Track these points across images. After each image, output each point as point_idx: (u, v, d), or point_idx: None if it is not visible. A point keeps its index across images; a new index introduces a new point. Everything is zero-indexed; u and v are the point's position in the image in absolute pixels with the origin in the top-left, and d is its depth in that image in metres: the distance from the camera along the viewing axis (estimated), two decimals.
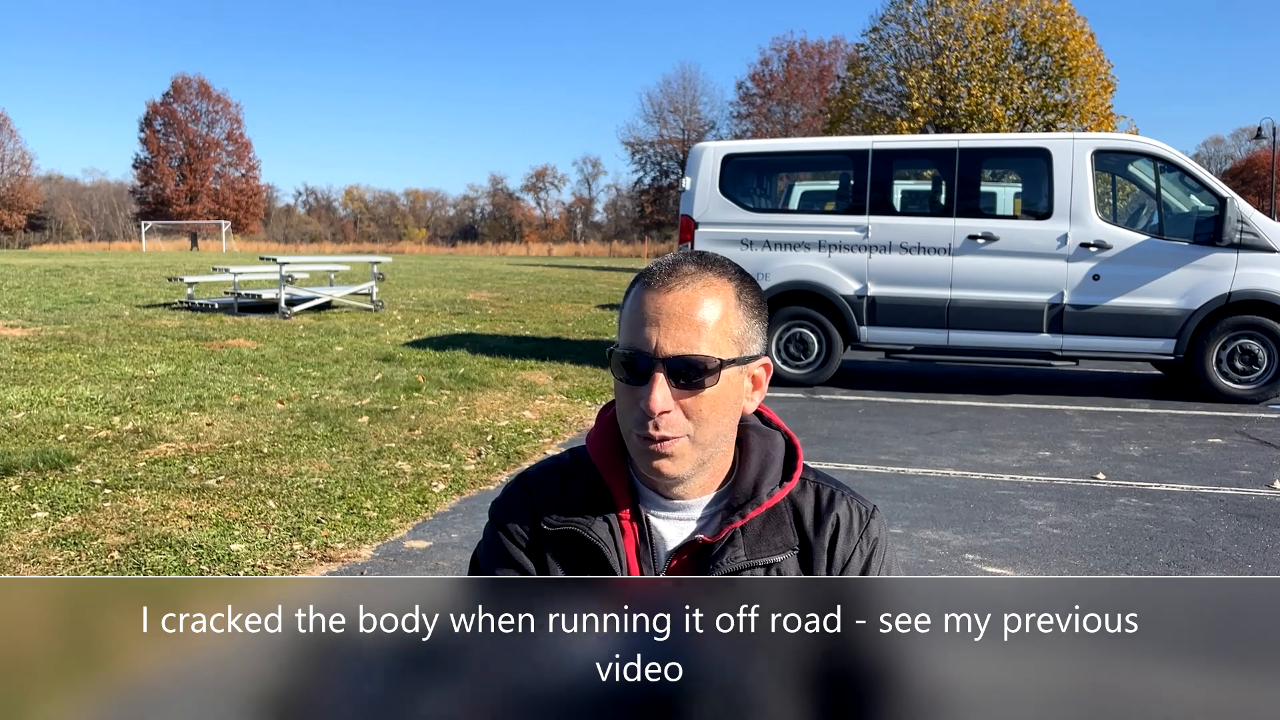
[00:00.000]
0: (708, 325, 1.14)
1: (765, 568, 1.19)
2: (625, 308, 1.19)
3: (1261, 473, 5.69)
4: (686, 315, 1.13)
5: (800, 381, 8.74)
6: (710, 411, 1.16)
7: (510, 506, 1.27)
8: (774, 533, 1.20)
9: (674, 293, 1.14)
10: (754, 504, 1.20)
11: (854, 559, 1.22)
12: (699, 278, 1.15)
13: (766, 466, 1.24)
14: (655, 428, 1.14)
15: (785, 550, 1.20)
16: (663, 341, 1.13)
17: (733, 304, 1.17)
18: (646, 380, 1.13)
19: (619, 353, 1.16)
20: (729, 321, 1.16)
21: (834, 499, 1.24)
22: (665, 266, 1.17)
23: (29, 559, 3.89)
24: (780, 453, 1.26)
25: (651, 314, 1.14)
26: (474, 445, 6.12)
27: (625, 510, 1.22)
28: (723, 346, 1.15)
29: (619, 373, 1.17)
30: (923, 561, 4.12)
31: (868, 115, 29.56)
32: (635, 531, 1.21)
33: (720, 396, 1.16)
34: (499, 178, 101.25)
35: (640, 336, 1.14)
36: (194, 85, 64.53)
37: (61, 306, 13.97)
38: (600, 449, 1.26)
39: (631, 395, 1.16)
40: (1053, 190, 8.18)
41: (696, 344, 1.13)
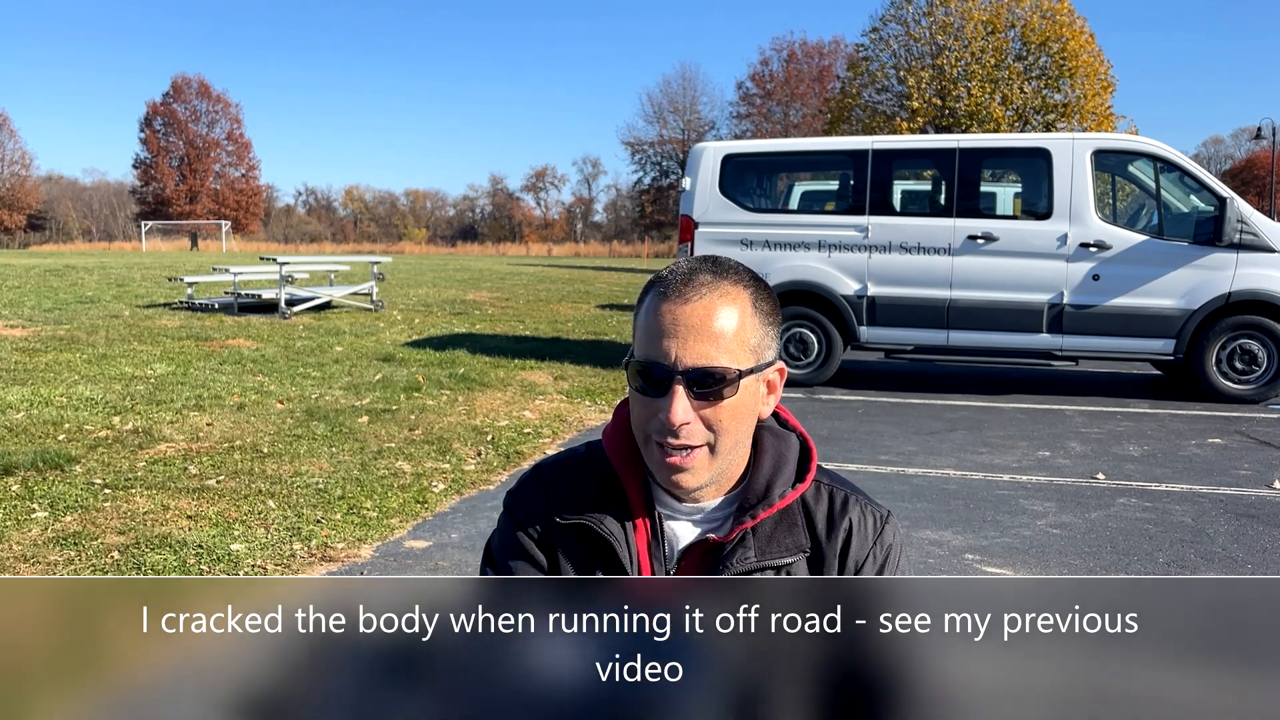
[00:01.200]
0: (725, 336, 1.14)
1: (776, 569, 1.18)
2: (640, 317, 1.18)
3: (1261, 473, 5.69)
4: (704, 327, 1.13)
5: (800, 381, 8.74)
6: (729, 421, 1.16)
7: (525, 499, 1.27)
8: (785, 534, 1.20)
9: (691, 304, 1.13)
10: (765, 504, 1.20)
11: (867, 565, 1.21)
12: (715, 287, 1.15)
13: (780, 468, 1.23)
14: (675, 438, 1.14)
15: (796, 553, 1.19)
16: (681, 353, 1.12)
17: (749, 312, 1.17)
18: (666, 392, 1.13)
19: (635, 363, 1.16)
20: (746, 331, 1.16)
21: (847, 503, 1.24)
22: (681, 275, 1.16)
23: (29, 559, 3.89)
24: (794, 454, 1.26)
25: (669, 325, 1.13)
26: (474, 445, 6.12)
27: (638, 507, 1.22)
28: (740, 356, 1.15)
29: (636, 383, 1.17)
30: (923, 561, 4.12)
31: (868, 115, 29.56)
32: (647, 529, 1.22)
33: (739, 406, 1.16)
34: (499, 178, 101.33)
35: (658, 348, 1.13)
36: (194, 85, 64.55)
37: (61, 306, 13.97)
38: (616, 445, 1.26)
39: (650, 406, 1.15)
40: (1052, 190, 8.18)
41: (715, 355, 1.13)
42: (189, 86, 64.48)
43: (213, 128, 65.25)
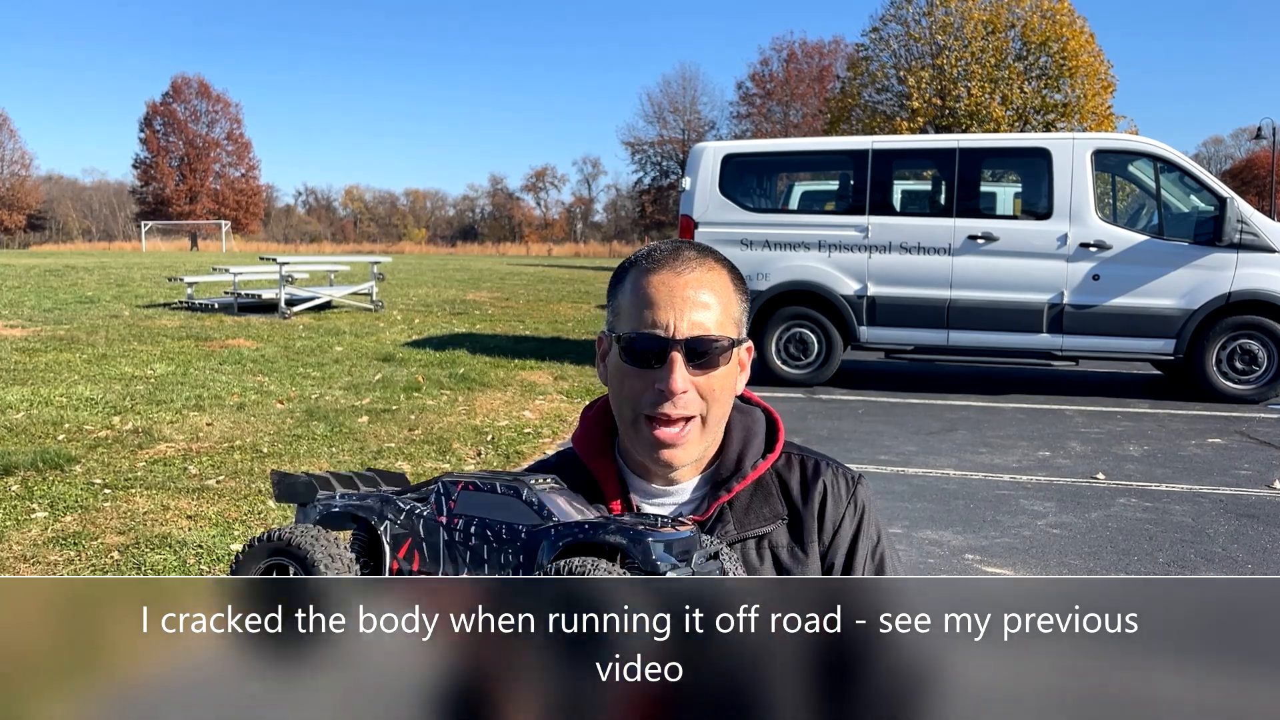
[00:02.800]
0: (716, 306, 1.16)
1: (757, 539, 1.21)
2: (625, 294, 1.19)
3: (1261, 473, 5.69)
4: (697, 297, 1.15)
5: (800, 381, 8.74)
6: (721, 390, 1.18)
7: None
8: (762, 504, 1.22)
9: (683, 275, 1.15)
10: (739, 477, 1.22)
11: (845, 524, 1.24)
12: (702, 262, 1.18)
13: (749, 441, 1.26)
14: (674, 407, 1.15)
15: (774, 520, 1.22)
16: (678, 323, 1.14)
17: (731, 288, 1.20)
18: (663, 362, 1.14)
19: (627, 337, 1.16)
20: (730, 305, 1.19)
21: (819, 467, 1.27)
22: (667, 250, 1.19)
23: (29, 559, 3.89)
24: (761, 427, 1.28)
25: (664, 297, 1.15)
26: (474, 445, 6.12)
27: (615, 501, 1.23)
28: (728, 327, 1.18)
29: (628, 358, 1.17)
30: (923, 561, 4.12)
31: (867, 115, 29.54)
32: None
33: (728, 375, 1.19)
34: (499, 178, 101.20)
35: (652, 319, 1.14)
36: (194, 85, 64.52)
37: (61, 306, 13.97)
38: (587, 445, 1.27)
39: (644, 378, 1.16)
40: (1053, 190, 8.18)
41: (709, 325, 1.15)
42: (189, 86, 64.46)
43: (213, 128, 65.23)
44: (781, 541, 1.21)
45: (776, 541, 1.21)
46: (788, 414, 7.44)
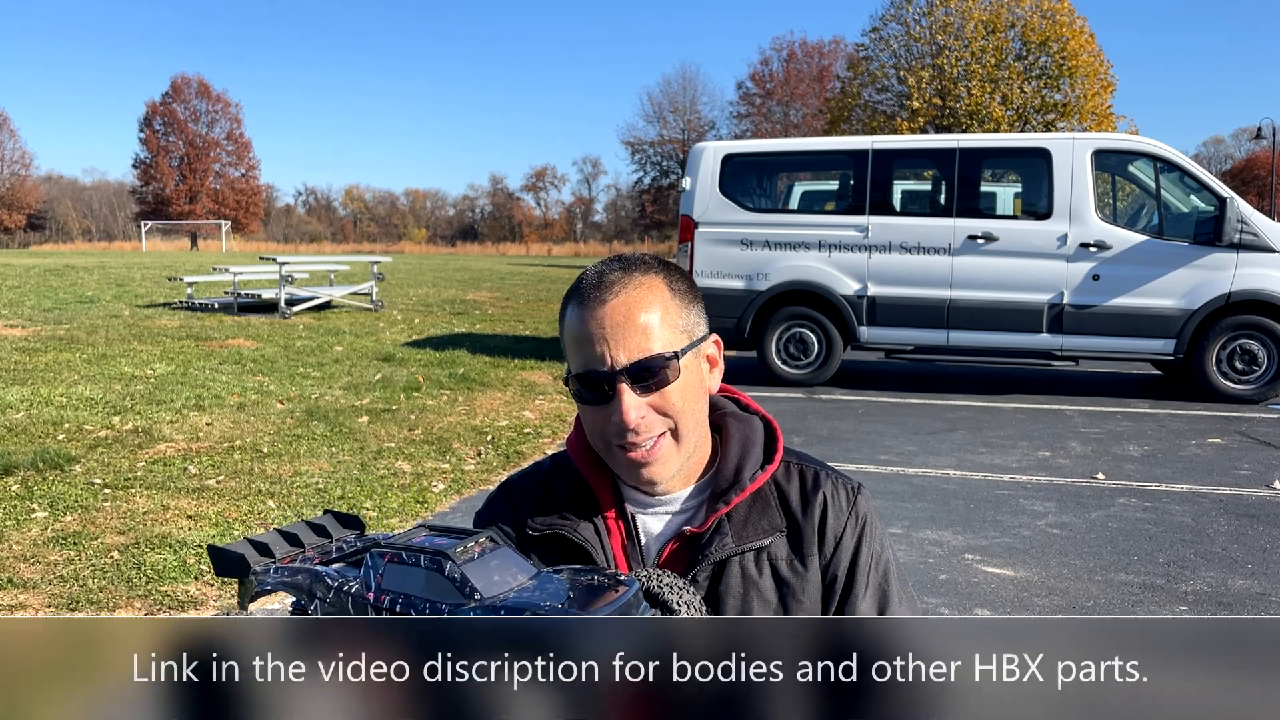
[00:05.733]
0: (652, 324, 1.13)
1: (755, 552, 1.19)
2: (566, 332, 1.18)
3: (1261, 473, 5.69)
4: (629, 321, 1.13)
5: (800, 381, 8.74)
6: (684, 401, 1.16)
7: (493, 515, 1.27)
8: (760, 516, 1.20)
9: (609, 304, 1.13)
10: (737, 489, 1.20)
11: (845, 536, 1.21)
12: (627, 281, 1.15)
13: (747, 451, 1.24)
14: (636, 434, 1.13)
15: (773, 533, 1.20)
16: (615, 354, 1.12)
17: (667, 296, 1.16)
18: (612, 395, 1.13)
19: (575, 377, 1.16)
20: (670, 314, 1.16)
21: (819, 478, 1.24)
22: (592, 281, 1.16)
23: (29, 559, 3.89)
24: (760, 436, 1.26)
25: (595, 330, 1.13)
26: (474, 445, 6.12)
27: (610, 510, 1.22)
28: (672, 339, 1.15)
29: (579, 398, 1.17)
30: (922, 561, 4.12)
31: (868, 115, 29.53)
32: (621, 530, 1.22)
33: (686, 386, 1.16)
34: (499, 178, 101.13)
35: (592, 355, 1.13)
36: (194, 85, 64.46)
37: (61, 306, 13.97)
38: (580, 450, 1.26)
39: (601, 413, 1.15)
40: (1053, 190, 8.18)
41: (648, 346, 1.13)
42: (189, 86, 64.40)
43: (212, 127, 65.18)
44: (781, 554, 1.19)
45: (776, 554, 1.19)
46: (788, 414, 7.44)
